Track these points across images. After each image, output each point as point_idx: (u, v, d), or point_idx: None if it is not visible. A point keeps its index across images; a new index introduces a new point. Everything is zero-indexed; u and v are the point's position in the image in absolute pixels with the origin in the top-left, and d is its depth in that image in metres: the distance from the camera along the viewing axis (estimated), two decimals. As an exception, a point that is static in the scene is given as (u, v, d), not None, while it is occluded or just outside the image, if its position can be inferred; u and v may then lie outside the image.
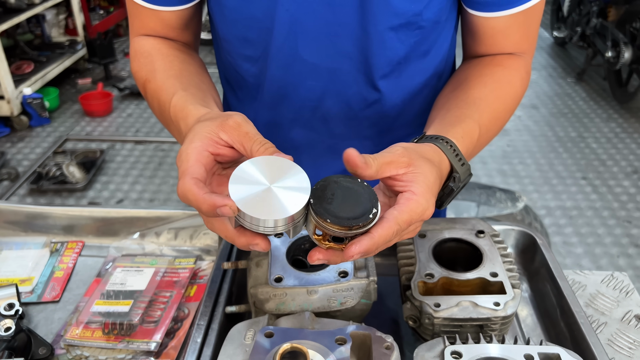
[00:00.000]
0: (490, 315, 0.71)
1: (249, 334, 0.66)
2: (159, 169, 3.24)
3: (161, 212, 0.97)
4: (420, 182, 0.57)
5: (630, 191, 2.95)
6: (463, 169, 0.65)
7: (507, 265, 0.78)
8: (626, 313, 0.87)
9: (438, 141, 0.64)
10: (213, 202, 0.50)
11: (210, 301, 0.78)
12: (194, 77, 0.74)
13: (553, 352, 0.65)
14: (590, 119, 3.71)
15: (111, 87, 4.16)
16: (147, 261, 0.90)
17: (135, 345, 0.76)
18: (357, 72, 0.78)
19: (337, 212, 0.53)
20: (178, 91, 0.69)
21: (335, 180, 0.55)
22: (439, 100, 0.78)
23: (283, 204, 0.52)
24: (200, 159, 0.54)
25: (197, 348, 0.70)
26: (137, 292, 0.84)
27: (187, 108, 0.65)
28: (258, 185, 0.53)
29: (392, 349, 0.63)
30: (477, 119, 0.70)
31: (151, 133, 3.63)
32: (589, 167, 3.17)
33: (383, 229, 0.53)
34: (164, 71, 0.74)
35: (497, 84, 0.75)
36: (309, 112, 0.83)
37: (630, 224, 2.71)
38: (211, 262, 0.92)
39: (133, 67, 0.80)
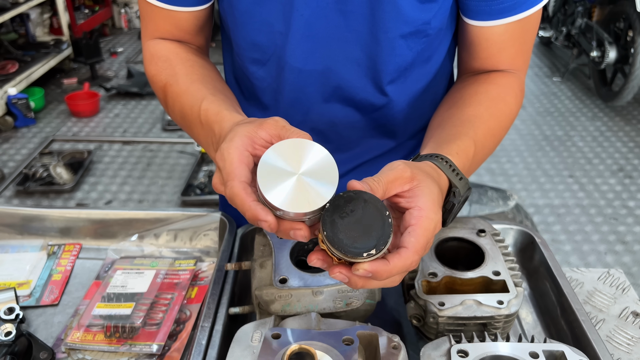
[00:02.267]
0: (494, 314, 0.72)
1: (255, 335, 0.65)
2: (147, 169, 3.21)
3: (160, 213, 0.96)
4: (426, 195, 0.56)
5: (616, 189, 2.99)
6: (462, 183, 0.65)
7: (509, 263, 0.79)
8: (623, 309, 0.88)
9: (433, 158, 0.64)
10: (256, 215, 0.52)
11: (213, 303, 0.77)
12: (216, 83, 0.74)
13: (557, 349, 0.65)
14: (576, 117, 3.76)
15: (98, 87, 4.12)
16: (147, 263, 0.90)
17: (137, 348, 0.76)
18: (365, 78, 0.79)
19: (340, 235, 0.51)
20: (207, 96, 0.69)
21: (365, 199, 0.53)
22: (434, 120, 0.78)
23: (313, 194, 0.52)
24: (243, 159, 0.55)
25: (202, 350, 0.70)
26: (138, 294, 0.83)
27: (221, 112, 0.65)
28: (286, 173, 0.52)
29: (399, 349, 0.64)
30: (472, 136, 0.70)
31: (139, 133, 3.60)
32: (576, 165, 3.21)
33: (401, 260, 0.52)
34: (186, 75, 0.74)
35: (491, 102, 0.76)
36: (317, 115, 0.83)
37: (617, 221, 2.75)
38: (211, 264, 0.92)
39: (150, 71, 0.79)
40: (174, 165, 3.26)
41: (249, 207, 0.52)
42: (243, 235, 0.91)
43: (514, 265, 0.79)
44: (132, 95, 4.05)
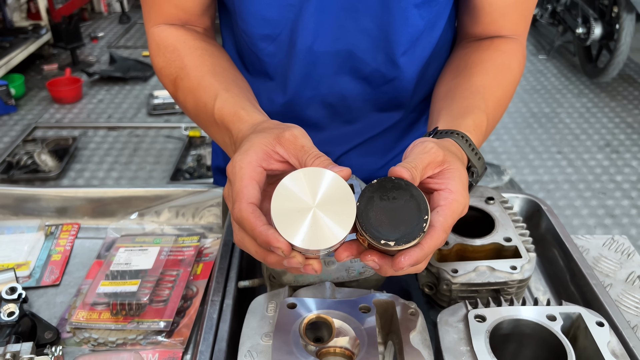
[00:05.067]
0: (507, 279, 0.71)
1: (270, 306, 0.64)
2: (134, 155, 3.16)
3: (160, 190, 0.94)
4: (456, 178, 0.55)
5: (603, 164, 3.02)
6: (480, 162, 0.64)
7: (519, 230, 0.78)
8: (629, 274, 0.88)
9: (454, 135, 0.63)
10: (268, 241, 0.48)
11: (221, 277, 0.76)
12: (228, 74, 0.71)
13: (574, 311, 0.65)
14: (563, 94, 3.78)
15: (80, 73, 4.03)
16: (150, 240, 0.88)
17: (145, 325, 0.74)
18: (376, 50, 0.77)
19: (370, 212, 0.49)
20: (220, 92, 0.66)
21: (413, 194, 0.50)
22: (440, 88, 0.77)
23: (330, 229, 0.48)
24: (254, 176, 0.52)
25: (214, 324, 0.69)
26: (142, 271, 0.81)
27: (238, 113, 0.62)
28: (302, 207, 0.49)
29: (417, 315, 0.63)
30: (484, 109, 0.69)
31: (124, 119, 3.54)
32: (563, 141, 3.23)
33: (432, 239, 0.51)
34: (196, 68, 0.71)
35: (498, 71, 0.75)
36: (327, 89, 0.81)
37: (605, 195, 2.78)
38: (215, 240, 0.90)
39: (158, 63, 0.75)
40: (161, 150, 3.21)
41: (259, 233, 0.49)
42: (247, 210, 0.89)
43: (525, 231, 0.78)
44: (116, 80, 3.97)
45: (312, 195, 0.49)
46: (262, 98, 0.83)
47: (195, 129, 3.25)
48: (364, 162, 0.93)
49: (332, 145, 0.89)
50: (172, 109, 3.56)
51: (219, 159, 1.01)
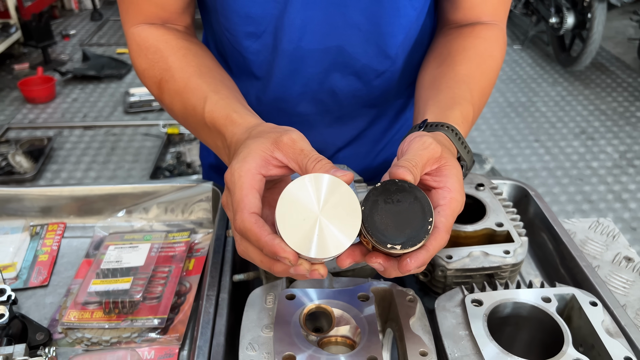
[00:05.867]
0: (501, 264, 0.72)
1: (269, 297, 0.64)
2: (112, 154, 3.11)
3: (147, 186, 0.92)
4: (454, 175, 0.54)
5: (579, 151, 3.08)
6: (469, 156, 0.64)
7: (509, 215, 0.79)
8: (616, 255, 0.90)
9: (444, 129, 0.62)
10: (275, 251, 0.48)
11: (216, 272, 0.75)
12: (215, 74, 0.70)
13: (567, 292, 0.66)
14: (538, 83, 3.84)
15: (52, 72, 3.95)
16: (140, 237, 0.86)
17: (140, 322, 0.73)
18: (367, 43, 0.76)
19: (375, 216, 0.49)
20: (209, 95, 0.64)
21: (417, 196, 0.50)
22: (424, 77, 0.76)
23: (337, 237, 0.48)
24: (254, 184, 0.51)
25: (211, 319, 0.68)
26: (134, 268, 0.80)
27: (230, 116, 0.61)
28: (307, 215, 0.48)
29: (415, 301, 0.63)
30: (469, 99, 0.69)
31: (100, 117, 3.48)
32: (540, 129, 3.29)
33: (436, 241, 0.51)
34: (181, 69, 0.69)
35: (481, 59, 0.75)
36: (317, 85, 0.80)
37: (582, 181, 2.84)
38: (206, 235, 0.89)
39: (140, 65, 0.73)
40: (140, 148, 3.17)
41: (265, 243, 0.48)
42: (237, 204, 0.88)
43: (515, 216, 0.79)
44: (90, 79, 3.90)
45: (317, 203, 0.48)
46: (250, 97, 0.82)
47: (174, 126, 3.21)
48: (355, 155, 0.93)
49: (325, 143, 0.88)
50: (149, 106, 3.51)
51: (210, 156, 1.00)
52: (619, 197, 2.71)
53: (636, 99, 3.60)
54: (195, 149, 3.03)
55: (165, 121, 3.29)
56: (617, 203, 2.67)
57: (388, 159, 0.97)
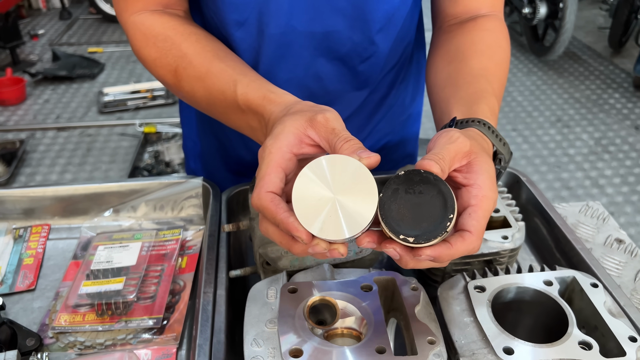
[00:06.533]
0: (499, 249, 0.72)
1: (270, 292, 0.62)
2: (87, 155, 3.04)
3: (135, 184, 0.89)
4: (485, 171, 0.52)
5: (556, 138, 3.13)
6: (505, 148, 0.62)
7: (505, 200, 0.79)
8: (607, 238, 0.91)
9: (475, 124, 0.60)
10: (289, 229, 0.48)
11: (211, 268, 0.73)
12: (233, 57, 0.68)
13: (568, 275, 0.66)
14: (513, 73, 3.88)
15: (22, 73, 3.84)
16: (129, 236, 0.84)
17: (134, 323, 0.71)
18: (352, 29, 0.75)
19: (393, 205, 0.48)
20: (238, 77, 0.63)
21: (441, 189, 0.48)
22: (437, 77, 0.75)
23: (349, 220, 0.47)
24: (281, 162, 0.50)
25: (209, 316, 0.66)
26: (125, 268, 0.77)
27: (267, 96, 0.59)
28: (322, 196, 0.47)
29: (419, 290, 0.63)
30: (491, 91, 0.67)
31: (74, 118, 3.40)
32: (517, 118, 3.33)
33: (465, 244, 0.48)
34: (198, 55, 0.67)
35: (491, 51, 0.74)
36: (303, 71, 0.79)
37: (560, 168, 2.88)
38: (197, 232, 0.87)
39: (149, 54, 0.70)
40: (116, 148, 3.11)
41: (281, 220, 0.48)
42: (228, 199, 0.86)
43: (511, 201, 0.79)
44: (61, 79, 3.81)
45: (334, 184, 0.48)
46: None
47: (151, 124, 3.15)
48: None
49: None
50: (124, 105, 3.45)
51: (196, 146, 0.97)
52: (596, 183, 2.76)
53: (608, 86, 3.67)
54: (173, 147, 2.98)
55: (142, 120, 3.23)
56: (594, 189, 2.72)
57: (372, 147, 0.96)
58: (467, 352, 0.57)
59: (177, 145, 2.99)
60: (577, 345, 0.57)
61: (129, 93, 3.53)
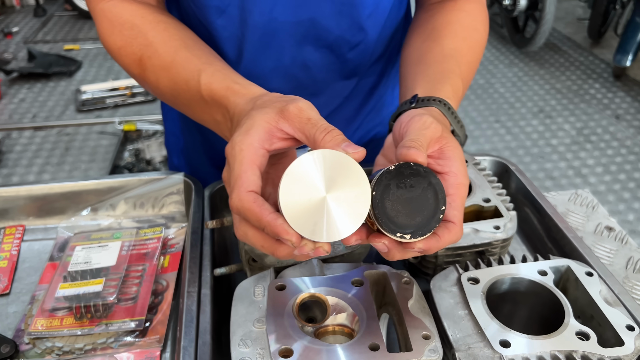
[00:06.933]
0: (492, 240, 0.70)
1: (257, 290, 0.60)
2: (66, 154, 2.98)
3: (113, 181, 0.86)
4: (457, 157, 0.51)
5: (539, 129, 3.14)
6: (462, 130, 0.62)
7: (495, 190, 0.77)
8: (597, 226, 0.90)
9: (436, 103, 0.59)
10: (277, 232, 0.44)
11: (195, 267, 0.71)
12: (202, 46, 0.65)
13: (562, 264, 0.65)
14: (495, 65, 3.89)
15: (-4, 71, 3.74)
16: (108, 236, 0.80)
17: (115, 326, 0.68)
18: (339, 15, 0.73)
19: (387, 202, 0.46)
20: (203, 67, 0.59)
21: (432, 181, 0.46)
22: (410, 54, 0.74)
23: (343, 220, 0.44)
24: (255, 159, 0.47)
25: (194, 317, 0.64)
26: (105, 269, 0.74)
27: (231, 87, 0.56)
28: (312, 195, 0.44)
29: (411, 283, 0.60)
30: (458, 73, 0.67)
31: (51, 117, 3.32)
32: (500, 110, 3.33)
33: (451, 235, 0.48)
34: (164, 43, 0.63)
35: (466, 33, 0.73)
36: (290, 60, 0.76)
37: (543, 159, 2.89)
38: (180, 229, 0.84)
39: (114, 43, 0.67)
40: (96, 147, 3.04)
41: (267, 223, 0.44)
42: (211, 195, 0.84)
43: (501, 190, 0.77)
44: (37, 77, 3.72)
45: (324, 182, 0.44)
46: None
47: (130, 122, 3.09)
48: None
49: None
50: (103, 103, 3.38)
51: (179, 140, 0.94)
52: (579, 173, 2.78)
53: (588, 77, 3.70)
54: (154, 145, 2.93)
55: (121, 118, 3.17)
56: (577, 178, 2.74)
57: (363, 138, 0.94)
58: (462, 346, 0.55)
59: (158, 143, 2.94)
60: (575, 335, 0.56)
61: (107, 91, 3.46)
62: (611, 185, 2.68)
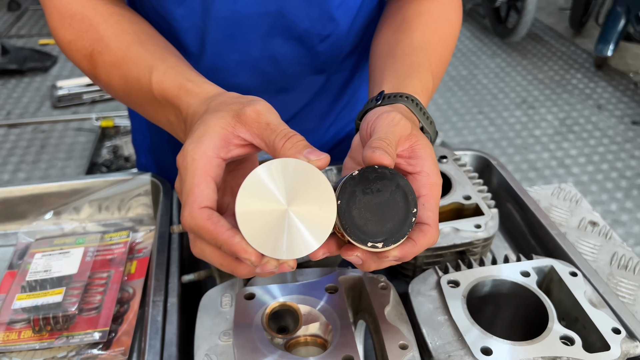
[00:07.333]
0: (473, 239, 0.67)
1: (224, 299, 0.56)
2: (42, 152, 2.90)
3: (76, 183, 0.82)
4: (429, 156, 0.48)
5: (522, 120, 3.13)
6: (432, 127, 0.58)
7: (476, 187, 0.75)
8: (580, 220, 0.88)
9: (403, 99, 0.56)
10: (235, 250, 0.40)
11: (161, 274, 0.67)
12: (157, 41, 0.60)
13: (546, 264, 0.62)
14: (477, 56, 3.87)
15: (-33, 68, 3.63)
16: (72, 241, 0.76)
17: (77, 339, 0.64)
18: (308, 5, 0.69)
19: (354, 211, 0.42)
20: (155, 63, 0.55)
21: (399, 183, 0.43)
22: (378, 46, 0.70)
23: (307, 235, 0.41)
24: (209, 170, 0.43)
25: (159, 328, 0.60)
26: (67, 277, 0.70)
27: (184, 85, 0.52)
28: (272, 209, 0.40)
29: (388, 288, 0.57)
30: (428, 67, 0.63)
31: (26, 114, 3.23)
32: (483, 101, 3.32)
33: (426, 239, 0.44)
34: (116, 37, 0.59)
35: (437, 24, 0.70)
36: (257, 52, 0.72)
37: (526, 150, 2.88)
38: (148, 233, 0.80)
39: (64, 37, 0.62)
40: (72, 144, 2.97)
41: (224, 241, 0.40)
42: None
43: (483, 187, 0.75)
44: (11, 73, 3.62)
45: (284, 194, 0.41)
46: None
47: (108, 118, 3.02)
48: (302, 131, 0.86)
49: None
50: (80, 99, 3.30)
51: (146, 139, 0.90)
52: (562, 163, 2.78)
53: (570, 67, 3.70)
54: (133, 142, 2.87)
55: (99, 114, 3.10)
56: (560, 169, 2.74)
57: (337, 134, 0.91)
58: (442, 354, 0.53)
59: (137, 139, 2.87)
60: (559, 340, 0.53)
61: (84, 86, 3.38)
62: (594, 176, 2.68)
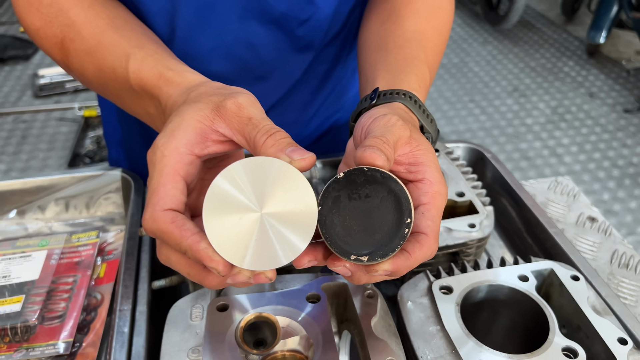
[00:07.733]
0: (466, 239, 0.63)
1: (195, 311, 0.51)
2: (23, 142, 2.82)
3: (42, 180, 0.76)
4: (431, 163, 0.43)
5: (513, 108, 3.09)
6: (433, 126, 0.53)
7: (470, 182, 0.70)
8: (579, 216, 0.84)
9: (400, 97, 0.51)
10: (199, 257, 0.36)
11: (130, 279, 0.62)
12: (133, 26, 0.55)
13: (545, 267, 0.58)
14: (469, 43, 3.82)
15: (-55, 56, 3.53)
16: (35, 243, 0.70)
17: (38, 351, 0.59)
18: None
19: (336, 219, 0.37)
20: (132, 51, 0.50)
21: (392, 189, 0.38)
22: (368, 38, 0.65)
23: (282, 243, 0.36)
24: (179, 168, 0.38)
25: (126, 339, 0.55)
26: (28, 283, 0.64)
27: (164, 74, 0.47)
28: (244, 214, 0.36)
29: (375, 296, 0.53)
30: (423, 59, 0.58)
31: (6, 103, 3.14)
32: (474, 89, 3.27)
33: (423, 250, 0.39)
34: (89, 24, 0.53)
35: (430, 12, 0.65)
36: (231, 38, 0.66)
37: (518, 139, 2.85)
38: (119, 233, 0.75)
39: (32, 23, 0.56)
40: (55, 134, 2.89)
41: (188, 246, 0.36)
42: (154, 193, 0.74)
43: (477, 183, 0.70)
44: (-9, 62, 3.52)
45: (259, 197, 0.36)
46: None
47: (91, 107, 2.94)
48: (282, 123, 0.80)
49: None
50: (62, 88, 3.21)
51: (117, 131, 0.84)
52: (554, 152, 2.74)
53: (562, 54, 3.66)
54: (117, 132, 2.80)
55: (81, 103, 3.02)
56: (552, 158, 2.70)
57: (321, 126, 0.85)
58: (434, 370, 0.48)
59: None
60: (561, 353, 0.49)
61: (66, 74, 3.29)
62: (586, 165, 2.65)
